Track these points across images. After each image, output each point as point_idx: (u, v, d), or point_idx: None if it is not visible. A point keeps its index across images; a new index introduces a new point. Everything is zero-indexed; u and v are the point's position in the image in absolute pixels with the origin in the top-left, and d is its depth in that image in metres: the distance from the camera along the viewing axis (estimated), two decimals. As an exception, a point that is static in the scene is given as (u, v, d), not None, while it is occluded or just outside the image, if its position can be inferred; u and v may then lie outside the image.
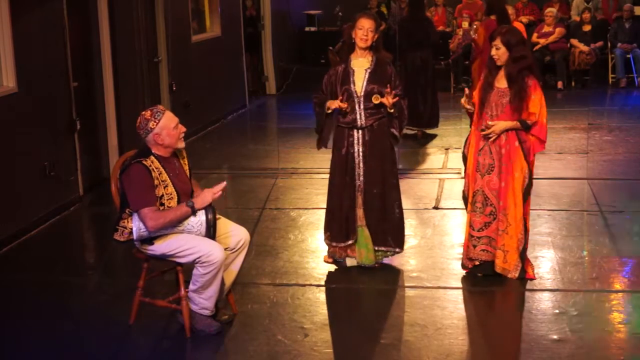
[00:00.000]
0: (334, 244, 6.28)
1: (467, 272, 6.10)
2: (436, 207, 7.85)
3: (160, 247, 5.08)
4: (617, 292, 5.93)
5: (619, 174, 8.94)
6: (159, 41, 10.56)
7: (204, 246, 5.00)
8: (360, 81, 6.07)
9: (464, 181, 6.16)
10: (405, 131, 8.27)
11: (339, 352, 5.10)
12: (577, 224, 7.35)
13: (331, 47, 10.42)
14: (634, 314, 5.54)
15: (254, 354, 5.02)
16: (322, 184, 7.27)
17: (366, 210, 6.17)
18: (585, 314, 5.49)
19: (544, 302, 5.72)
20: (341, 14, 15.21)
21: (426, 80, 10.69)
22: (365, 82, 6.06)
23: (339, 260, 6.34)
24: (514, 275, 5.91)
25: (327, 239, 6.32)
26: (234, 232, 5.30)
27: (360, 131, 6.10)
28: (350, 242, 6.22)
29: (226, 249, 5.20)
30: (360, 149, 6.12)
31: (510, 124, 5.78)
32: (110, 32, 8.91)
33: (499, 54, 5.78)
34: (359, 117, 6.07)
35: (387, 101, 5.96)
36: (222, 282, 5.18)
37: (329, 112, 6.08)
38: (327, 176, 6.33)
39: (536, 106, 5.76)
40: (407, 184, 8.35)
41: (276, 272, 6.33)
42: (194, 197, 5.10)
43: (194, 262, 5.05)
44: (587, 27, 14.53)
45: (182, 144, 5.16)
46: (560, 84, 14.05)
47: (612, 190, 8.37)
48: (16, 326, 5.56)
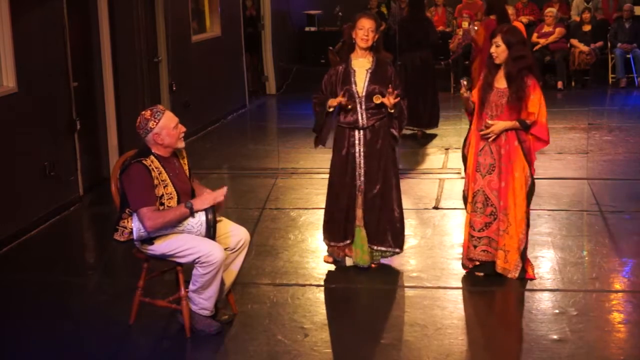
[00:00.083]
0: (332, 244, 6.29)
1: (467, 272, 6.11)
2: (436, 207, 7.85)
3: (160, 247, 5.08)
4: (617, 292, 5.93)
5: (619, 174, 8.93)
6: (159, 41, 10.56)
7: (203, 246, 5.00)
8: (361, 81, 6.06)
9: (464, 181, 6.16)
10: (405, 131, 8.27)
11: (339, 352, 5.10)
12: (577, 224, 7.34)
13: (331, 47, 10.43)
14: (634, 314, 5.54)
15: (254, 354, 5.02)
16: (322, 184, 7.26)
17: (366, 210, 6.17)
18: (585, 314, 5.48)
19: (544, 302, 5.72)
20: (341, 14, 15.20)
21: (426, 80, 10.68)
22: (366, 83, 6.05)
23: (338, 260, 6.34)
24: (514, 275, 5.91)
25: (325, 238, 6.33)
26: (234, 232, 5.30)
27: (361, 131, 6.09)
28: (347, 241, 6.23)
29: (226, 249, 5.20)
30: (361, 149, 6.11)
31: (509, 124, 5.78)
32: (110, 31, 8.90)
33: (498, 51, 5.78)
34: (360, 118, 6.07)
35: (389, 101, 5.96)
36: (222, 282, 5.18)
37: (330, 110, 6.07)
38: (327, 176, 6.33)
39: (535, 106, 5.76)
40: (407, 184, 8.34)
41: (276, 272, 6.33)
42: (195, 198, 5.11)
43: (194, 262, 5.05)
44: (587, 27, 14.52)
45: (182, 144, 5.16)
46: (560, 84, 14.04)
47: (612, 190, 8.36)
48: (16, 326, 5.55)
